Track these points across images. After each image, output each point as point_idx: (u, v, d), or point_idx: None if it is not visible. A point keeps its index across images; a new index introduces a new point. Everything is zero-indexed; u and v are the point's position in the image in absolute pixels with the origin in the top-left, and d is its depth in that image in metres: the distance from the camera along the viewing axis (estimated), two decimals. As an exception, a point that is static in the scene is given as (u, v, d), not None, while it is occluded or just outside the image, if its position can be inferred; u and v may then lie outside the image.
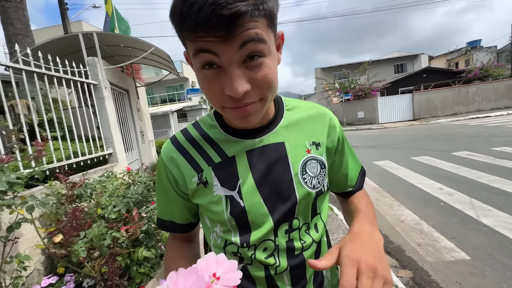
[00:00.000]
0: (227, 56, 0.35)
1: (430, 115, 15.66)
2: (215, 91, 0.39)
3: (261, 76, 0.38)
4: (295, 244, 0.50)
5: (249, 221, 0.48)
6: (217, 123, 0.53)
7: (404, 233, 2.75)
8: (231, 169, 0.49)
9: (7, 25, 5.60)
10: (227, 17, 0.32)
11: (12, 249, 1.54)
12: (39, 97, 2.50)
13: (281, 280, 0.51)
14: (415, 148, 7.04)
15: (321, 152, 0.53)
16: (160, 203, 0.58)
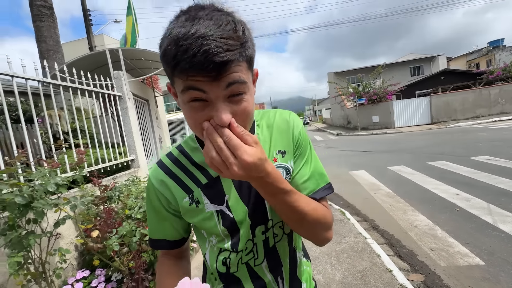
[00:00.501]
0: (215, 93, 0.40)
1: (449, 118, 15.12)
2: (200, 120, 0.43)
3: (242, 109, 0.44)
4: (269, 240, 0.59)
5: (239, 228, 0.56)
6: (199, 145, 0.58)
7: (417, 238, 2.76)
8: (218, 187, 0.56)
9: (40, 42, 6.15)
10: (217, 63, 0.37)
11: (54, 244, 1.76)
12: (71, 108, 2.79)
13: (262, 271, 0.60)
14: (432, 153, 6.88)
15: (287, 159, 0.58)
16: (152, 224, 0.63)
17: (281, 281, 0.63)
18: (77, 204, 1.43)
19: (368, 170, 5.89)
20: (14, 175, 1.69)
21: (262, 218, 0.57)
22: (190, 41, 0.37)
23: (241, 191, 0.56)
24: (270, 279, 0.61)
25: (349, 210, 3.70)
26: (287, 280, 0.64)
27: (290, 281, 0.64)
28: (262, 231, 0.58)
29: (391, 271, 2.14)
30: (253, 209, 0.56)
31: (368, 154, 8.17)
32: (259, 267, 0.60)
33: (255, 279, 0.61)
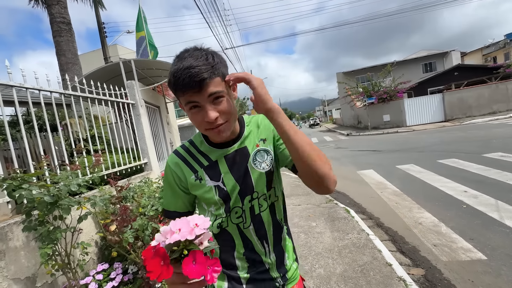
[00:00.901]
0: (202, 101, 0.64)
1: (464, 115, 14.66)
2: (199, 120, 0.66)
3: (222, 108, 0.66)
4: (255, 208, 0.77)
5: (231, 198, 0.75)
6: (204, 139, 0.79)
7: (421, 234, 2.79)
8: (216, 168, 0.76)
9: (60, 56, 6.60)
10: (197, 81, 0.61)
11: (77, 239, 1.96)
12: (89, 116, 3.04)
13: (249, 233, 0.78)
14: (443, 151, 6.76)
15: (267, 145, 0.79)
16: (167, 198, 0.82)
17: (266, 245, 0.79)
18: (96, 201, 1.62)
19: (376, 170, 5.88)
20: (41, 177, 1.91)
21: (248, 189, 0.75)
22: (180, 72, 0.62)
23: (232, 171, 0.75)
24: (256, 241, 0.78)
25: (354, 209, 3.75)
26: (271, 246, 0.80)
27: (274, 248, 0.80)
28: (249, 199, 0.76)
29: (390, 265, 2.20)
30: (241, 183, 0.75)
31: (377, 154, 8.11)
32: (247, 230, 0.77)
33: (244, 239, 0.77)
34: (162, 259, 0.46)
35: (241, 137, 0.78)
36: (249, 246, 0.77)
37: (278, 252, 0.81)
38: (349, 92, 19.30)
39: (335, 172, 0.69)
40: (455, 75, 16.93)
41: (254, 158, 0.77)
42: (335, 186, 0.68)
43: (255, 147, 0.78)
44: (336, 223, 3.22)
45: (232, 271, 0.78)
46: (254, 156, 0.77)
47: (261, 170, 0.76)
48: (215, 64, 0.64)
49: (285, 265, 0.83)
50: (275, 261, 0.80)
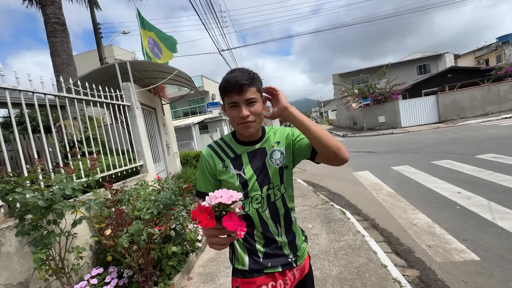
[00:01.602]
0: (240, 102, 0.86)
1: (457, 116, 14.88)
2: (235, 115, 0.88)
3: (254, 109, 0.88)
4: (271, 196, 0.96)
5: (248, 185, 0.94)
6: (233, 138, 1.00)
7: (415, 235, 2.82)
8: (239, 160, 0.96)
9: (54, 56, 6.51)
10: (240, 84, 0.84)
11: (71, 243, 1.94)
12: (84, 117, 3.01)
13: (265, 216, 0.96)
14: (437, 152, 6.85)
15: (281, 146, 1.00)
16: (199, 181, 1.01)
17: (279, 227, 0.98)
18: (91, 205, 1.61)
19: (372, 171, 5.93)
20: (35, 181, 1.89)
21: (266, 180, 0.95)
22: (230, 79, 0.85)
23: (252, 164, 0.96)
24: (271, 223, 0.97)
25: (350, 210, 3.77)
26: (283, 228, 0.99)
27: (285, 230, 0.99)
28: (267, 189, 0.95)
29: (386, 266, 2.22)
30: (258, 174, 0.95)
31: (373, 155, 8.18)
32: (263, 213, 0.96)
33: (261, 221, 0.96)
34: (208, 214, 0.64)
35: (262, 140, 0.99)
36: (265, 227, 0.96)
37: (289, 234, 1.00)
38: (345, 94, 19.44)
39: (331, 173, 0.77)
40: (449, 77, 17.18)
41: (271, 156, 0.97)
42: (348, 155, 0.91)
43: (271, 148, 0.99)
44: (332, 224, 3.24)
45: (251, 245, 0.97)
46: (270, 154, 0.97)
47: (275, 166, 0.96)
48: (254, 78, 0.88)
49: (296, 245, 1.01)
50: (287, 241, 0.99)
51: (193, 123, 17.86)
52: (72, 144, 2.95)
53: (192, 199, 2.42)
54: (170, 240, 2.08)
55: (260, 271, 0.95)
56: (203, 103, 23.92)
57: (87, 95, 2.90)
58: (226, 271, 2.46)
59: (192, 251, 2.61)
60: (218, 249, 0.74)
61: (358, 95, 17.28)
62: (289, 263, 0.97)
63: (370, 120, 17.06)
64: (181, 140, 16.68)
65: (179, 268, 2.25)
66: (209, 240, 0.74)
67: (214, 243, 0.73)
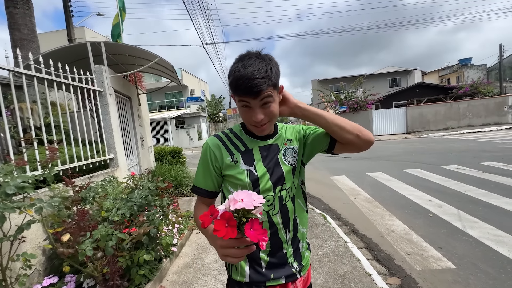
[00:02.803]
0: (254, 104, 0.76)
1: (423, 128, 16.04)
2: (248, 117, 0.79)
3: (269, 112, 0.79)
4: (284, 197, 0.87)
5: (259, 184, 0.84)
6: (243, 129, 0.91)
7: (394, 242, 2.86)
8: (251, 155, 0.86)
9: (13, 30, 5.70)
10: (257, 90, 0.72)
11: (18, 249, 1.61)
12: (45, 101, 2.60)
13: (276, 219, 0.86)
14: (408, 161, 7.23)
15: (293, 144, 0.92)
16: (198, 175, 0.90)
17: (288, 232, 0.89)
18: (43, 206, 1.32)
19: (349, 176, 6.06)
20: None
21: (279, 180, 0.86)
22: (243, 80, 0.72)
23: (264, 160, 0.86)
24: (281, 227, 0.87)
25: (330, 215, 3.76)
26: (291, 233, 0.89)
27: (293, 236, 0.90)
28: (279, 189, 0.86)
29: (370, 275, 2.19)
30: (273, 173, 0.85)
31: (349, 160, 8.42)
32: (274, 216, 0.86)
33: (271, 224, 0.85)
34: (227, 221, 0.53)
35: (275, 136, 0.91)
36: (274, 232, 0.86)
37: (294, 240, 0.91)
38: (323, 100, 19.99)
39: (309, 176, 0.70)
40: (417, 92, 18.50)
41: (284, 154, 0.89)
42: (372, 136, 0.90)
43: (284, 145, 0.91)
44: (314, 229, 3.18)
45: (254, 253, 0.84)
46: (284, 152, 0.89)
47: (289, 165, 0.88)
48: (272, 76, 0.75)
49: (301, 253, 0.93)
50: (292, 248, 0.90)
51: (170, 117, 17.12)
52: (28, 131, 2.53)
53: (171, 200, 2.17)
54: (142, 246, 1.83)
55: (261, 284, 0.85)
56: (181, 97, 23.06)
57: (51, 74, 2.51)
58: (203, 279, 2.26)
59: (166, 257, 2.36)
60: (233, 262, 0.64)
61: (336, 101, 17.87)
62: (293, 274, 0.88)
63: (345, 126, 17.70)
64: (156, 134, 15.88)
65: (150, 276, 2.00)
66: (221, 251, 0.64)
67: (228, 255, 0.63)
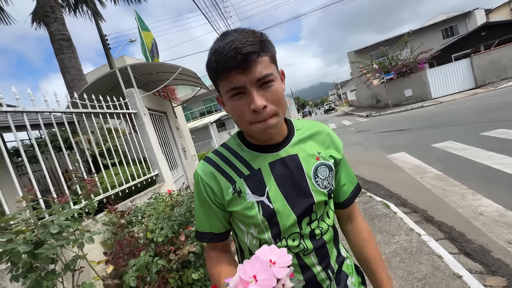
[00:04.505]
0: (248, 84, 0.52)
1: (498, 78, 13.20)
2: (243, 110, 0.54)
3: (273, 93, 0.54)
4: (316, 231, 0.63)
5: (278, 220, 0.60)
6: (242, 142, 0.66)
7: (486, 228, 2.28)
8: (259, 179, 0.61)
9: (65, 73, 6.53)
10: (244, 54, 0.50)
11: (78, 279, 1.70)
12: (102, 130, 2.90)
13: (309, 259, 0.63)
14: (484, 122, 5.95)
15: (327, 158, 0.66)
16: (199, 217, 0.68)
17: (331, 273, 0.66)
18: (84, 240, 1.33)
19: (409, 151, 5.26)
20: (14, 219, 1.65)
21: (306, 210, 0.62)
22: (223, 45, 0.52)
23: (280, 183, 0.61)
24: (320, 270, 0.64)
25: (393, 201, 3.26)
26: (335, 273, 0.67)
27: (337, 273, 0.68)
28: (307, 222, 0.62)
29: (460, 276, 1.74)
30: (294, 202, 0.61)
31: (406, 133, 7.38)
32: (308, 258, 0.63)
33: (303, 267, 0.63)
34: None
35: (290, 142, 0.65)
36: (311, 277, 0.64)
37: (341, 277, 0.70)
38: (363, 71, 18.16)
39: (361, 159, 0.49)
40: (483, 36, 15.27)
41: (315, 174, 0.64)
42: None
43: (313, 160, 0.65)
44: (376, 222, 2.77)
45: None
46: (314, 171, 0.64)
47: (323, 189, 0.64)
48: (264, 39, 0.55)
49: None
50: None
51: (210, 122, 17.83)
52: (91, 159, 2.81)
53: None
54: (189, 264, 1.78)
55: None
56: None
57: (87, 107, 2.68)
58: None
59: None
60: None
61: (379, 70, 16.01)
62: None
63: (395, 95, 15.78)
64: (201, 141, 16.71)
65: (205, 292, 1.95)
66: None
67: None
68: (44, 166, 1.93)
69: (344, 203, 0.72)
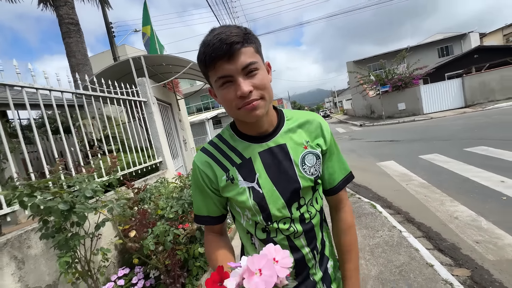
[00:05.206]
0: (235, 73, 0.57)
1: (486, 99, 13.86)
2: (231, 97, 0.59)
3: (258, 80, 0.59)
4: (305, 215, 0.69)
5: (267, 203, 0.65)
6: (234, 133, 0.71)
7: (458, 230, 2.57)
8: (250, 167, 0.67)
9: (70, 57, 6.60)
10: (228, 44, 0.55)
11: (96, 244, 1.88)
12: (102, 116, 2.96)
13: (299, 241, 0.69)
14: (469, 138, 6.35)
15: (315, 146, 0.71)
16: (197, 202, 0.74)
17: (316, 254, 0.72)
18: (114, 207, 1.51)
19: (398, 161, 5.59)
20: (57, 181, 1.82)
21: (294, 196, 0.67)
22: (211, 39, 0.56)
23: (269, 171, 0.66)
24: (308, 252, 0.70)
25: (380, 203, 3.54)
26: (319, 255, 0.73)
27: (320, 257, 0.74)
28: (296, 207, 0.67)
29: (432, 265, 2.01)
30: (282, 187, 0.66)
31: (396, 144, 7.75)
32: (297, 240, 0.69)
33: (294, 250, 0.68)
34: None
35: (279, 131, 0.69)
36: (300, 257, 0.69)
37: (323, 260, 0.75)
38: (361, 81, 18.66)
39: (353, 164, 0.59)
40: (475, 58, 15.99)
41: (303, 162, 0.68)
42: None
43: (301, 149, 0.69)
44: (363, 219, 3.03)
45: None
46: (302, 159, 0.68)
47: (310, 176, 0.68)
48: (248, 32, 0.59)
49: (329, 274, 0.76)
50: (322, 271, 0.74)
51: (207, 118, 17.93)
52: (92, 143, 2.92)
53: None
54: (196, 240, 1.98)
55: None
56: (216, 98, 23.90)
57: (104, 92, 2.83)
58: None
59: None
60: None
61: (376, 82, 16.50)
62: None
63: (388, 107, 16.30)
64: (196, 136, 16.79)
65: (206, 267, 2.16)
66: None
67: None
68: (40, 147, 1.84)
69: (331, 190, 0.75)
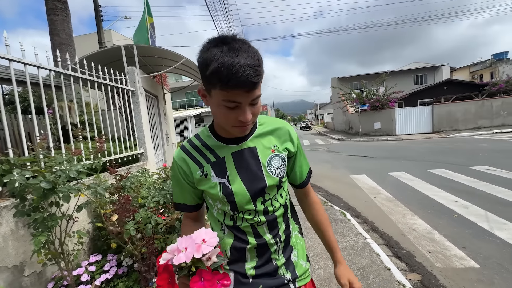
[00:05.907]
0: (245, 102, 0.63)
1: (451, 128, 15.21)
2: (232, 117, 0.65)
3: (257, 108, 0.68)
4: (268, 208, 0.78)
5: (234, 197, 0.74)
6: (212, 134, 0.79)
7: (415, 240, 2.84)
8: (222, 165, 0.76)
9: (53, 35, 6.24)
10: (254, 83, 0.60)
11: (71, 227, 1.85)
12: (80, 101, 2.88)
13: (262, 228, 0.78)
14: (433, 161, 6.96)
15: (282, 150, 0.80)
16: (176, 191, 0.84)
17: (279, 241, 0.80)
18: (97, 190, 1.53)
19: (369, 175, 5.98)
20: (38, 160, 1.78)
21: (259, 192, 0.76)
22: (237, 67, 0.57)
23: (239, 170, 0.75)
24: (270, 238, 0.78)
25: (349, 212, 3.78)
26: (282, 243, 0.82)
27: (285, 245, 0.83)
28: (261, 201, 0.76)
29: (389, 269, 2.22)
30: (251, 184, 0.75)
31: (369, 160, 8.26)
32: (260, 227, 0.78)
33: (257, 235, 0.78)
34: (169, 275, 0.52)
35: (251, 136, 0.78)
36: (262, 241, 0.78)
37: (287, 249, 0.83)
38: (342, 98, 19.58)
39: (328, 174, 0.76)
40: (445, 89, 17.53)
41: (269, 163, 0.77)
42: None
43: (269, 152, 0.78)
44: (333, 225, 3.23)
45: (239, 264, 0.79)
46: (269, 161, 0.77)
47: (275, 176, 0.77)
48: (261, 65, 0.62)
49: (293, 262, 0.84)
50: (285, 258, 0.82)
51: (190, 115, 17.68)
52: (66, 128, 2.81)
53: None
54: (174, 230, 2.02)
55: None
56: (201, 97, 23.63)
57: (90, 75, 2.78)
58: (226, 266, 2.42)
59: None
60: None
61: (356, 100, 17.42)
62: (285, 284, 0.79)
63: (366, 125, 17.25)
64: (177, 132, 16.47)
65: (180, 259, 2.19)
66: None
67: None
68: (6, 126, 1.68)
69: (301, 184, 0.88)
